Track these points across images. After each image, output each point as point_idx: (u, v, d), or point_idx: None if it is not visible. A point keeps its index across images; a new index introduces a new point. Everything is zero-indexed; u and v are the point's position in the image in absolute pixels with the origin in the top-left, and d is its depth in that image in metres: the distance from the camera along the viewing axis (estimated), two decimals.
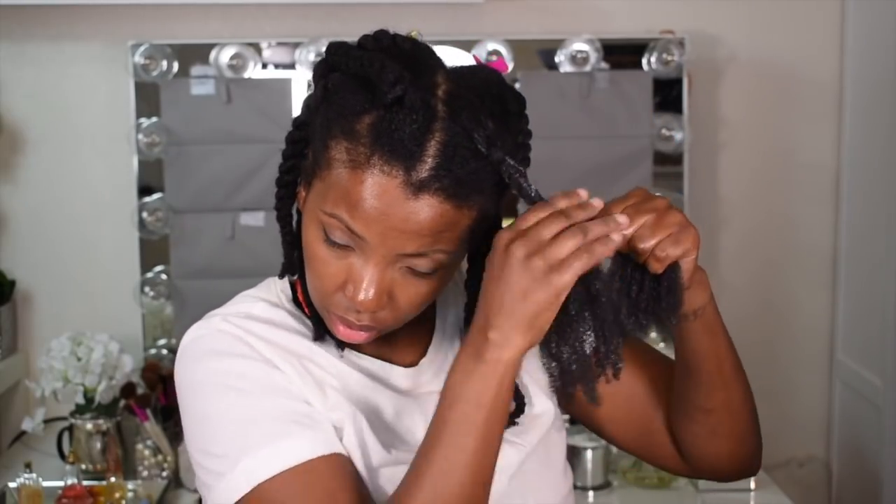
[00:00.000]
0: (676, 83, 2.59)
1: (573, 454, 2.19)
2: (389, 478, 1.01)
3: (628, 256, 0.94)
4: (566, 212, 0.89)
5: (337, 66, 0.96)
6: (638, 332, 0.96)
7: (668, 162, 2.61)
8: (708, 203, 2.69)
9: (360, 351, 1.08)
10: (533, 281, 0.87)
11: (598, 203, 0.91)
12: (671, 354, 1.11)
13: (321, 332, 1.05)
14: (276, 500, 0.96)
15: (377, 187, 0.91)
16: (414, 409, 1.08)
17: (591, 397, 0.92)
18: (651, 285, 0.95)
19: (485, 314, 0.90)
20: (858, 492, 2.65)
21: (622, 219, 0.90)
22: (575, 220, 0.89)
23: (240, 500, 0.97)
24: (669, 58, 2.56)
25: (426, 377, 1.10)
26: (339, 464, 0.98)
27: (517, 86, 2.52)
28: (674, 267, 0.94)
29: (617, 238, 0.89)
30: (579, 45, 2.53)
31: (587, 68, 2.54)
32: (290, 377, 1.02)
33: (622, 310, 0.94)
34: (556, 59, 2.55)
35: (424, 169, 0.91)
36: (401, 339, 1.09)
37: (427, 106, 0.91)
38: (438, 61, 0.98)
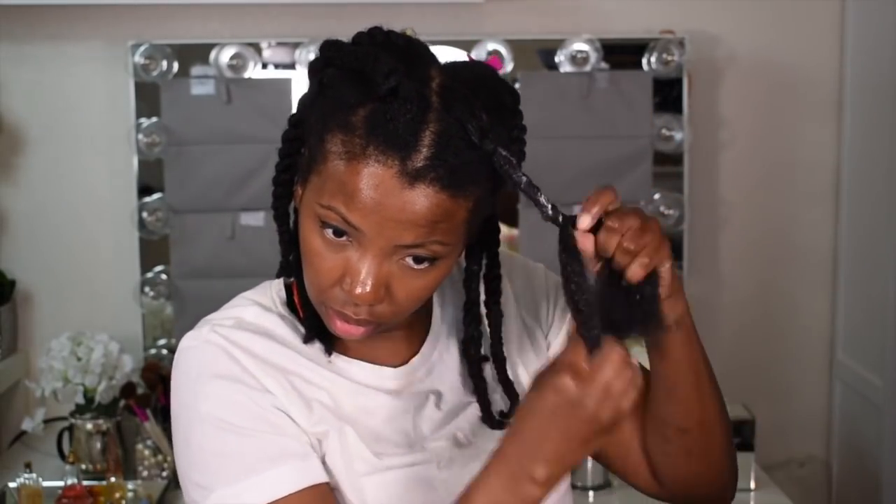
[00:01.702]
0: (676, 83, 2.58)
1: None
2: (378, 483, 1.03)
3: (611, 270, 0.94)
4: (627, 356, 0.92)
5: (331, 62, 0.97)
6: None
7: (668, 162, 2.60)
8: (708, 203, 2.68)
9: (348, 355, 1.07)
10: (595, 433, 0.91)
11: None
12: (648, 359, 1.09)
13: (312, 334, 1.05)
14: None
15: (373, 178, 0.91)
16: (405, 409, 1.07)
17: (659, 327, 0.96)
18: (632, 295, 0.94)
19: (533, 452, 0.91)
20: (858, 492, 2.65)
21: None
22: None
23: None
24: (669, 58, 2.56)
25: (419, 375, 1.10)
26: (313, 496, 0.99)
27: (517, 85, 2.52)
28: (653, 276, 0.94)
29: None
30: (579, 45, 2.53)
31: (587, 68, 2.54)
32: (275, 395, 1.02)
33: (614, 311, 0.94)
34: (556, 59, 2.55)
35: (420, 159, 0.91)
36: (395, 337, 1.08)
37: (421, 97, 0.92)
38: (432, 56, 0.99)
